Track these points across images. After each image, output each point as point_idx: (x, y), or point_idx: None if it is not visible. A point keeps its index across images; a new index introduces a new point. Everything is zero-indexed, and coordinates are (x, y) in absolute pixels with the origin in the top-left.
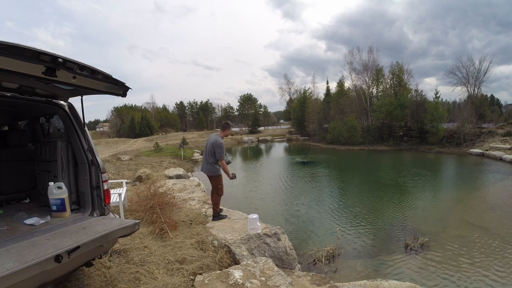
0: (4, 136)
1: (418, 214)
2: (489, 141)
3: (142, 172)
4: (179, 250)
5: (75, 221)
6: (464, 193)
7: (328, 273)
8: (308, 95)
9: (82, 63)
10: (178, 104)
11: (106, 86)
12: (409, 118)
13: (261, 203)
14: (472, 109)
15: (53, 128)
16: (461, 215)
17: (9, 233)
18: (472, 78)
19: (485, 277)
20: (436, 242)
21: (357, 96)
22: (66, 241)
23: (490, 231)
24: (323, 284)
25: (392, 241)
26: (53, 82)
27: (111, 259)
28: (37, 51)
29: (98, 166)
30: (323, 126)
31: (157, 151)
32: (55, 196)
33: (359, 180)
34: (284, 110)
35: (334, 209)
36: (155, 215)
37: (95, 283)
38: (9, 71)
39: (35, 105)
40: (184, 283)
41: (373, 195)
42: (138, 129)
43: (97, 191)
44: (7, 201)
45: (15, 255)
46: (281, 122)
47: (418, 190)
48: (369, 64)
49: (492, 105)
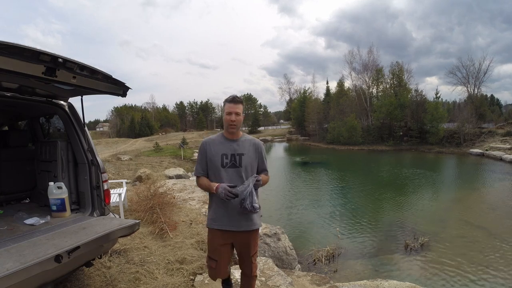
0: (4, 136)
1: (418, 214)
2: (489, 141)
3: (142, 172)
4: (179, 250)
5: (75, 221)
6: (464, 193)
7: (328, 273)
8: (308, 95)
9: (82, 63)
10: (178, 104)
11: (106, 86)
12: (409, 118)
13: (261, 203)
14: (472, 109)
15: (53, 128)
16: (461, 215)
17: (9, 233)
18: (472, 78)
19: (485, 277)
20: (436, 242)
21: (357, 96)
22: (66, 241)
23: (490, 231)
24: (323, 284)
25: (392, 241)
26: (53, 82)
27: (111, 259)
28: (37, 51)
29: (98, 166)
30: (323, 126)
31: (157, 151)
32: (55, 196)
33: (359, 180)
34: (284, 110)
35: (334, 209)
36: (155, 215)
37: (95, 283)
38: (9, 71)
39: (35, 105)
40: (184, 283)
41: (373, 195)
42: (138, 129)
43: (97, 191)
44: (7, 201)
45: (15, 255)
46: (281, 122)
47: (418, 190)
48: (369, 64)
49: (492, 105)
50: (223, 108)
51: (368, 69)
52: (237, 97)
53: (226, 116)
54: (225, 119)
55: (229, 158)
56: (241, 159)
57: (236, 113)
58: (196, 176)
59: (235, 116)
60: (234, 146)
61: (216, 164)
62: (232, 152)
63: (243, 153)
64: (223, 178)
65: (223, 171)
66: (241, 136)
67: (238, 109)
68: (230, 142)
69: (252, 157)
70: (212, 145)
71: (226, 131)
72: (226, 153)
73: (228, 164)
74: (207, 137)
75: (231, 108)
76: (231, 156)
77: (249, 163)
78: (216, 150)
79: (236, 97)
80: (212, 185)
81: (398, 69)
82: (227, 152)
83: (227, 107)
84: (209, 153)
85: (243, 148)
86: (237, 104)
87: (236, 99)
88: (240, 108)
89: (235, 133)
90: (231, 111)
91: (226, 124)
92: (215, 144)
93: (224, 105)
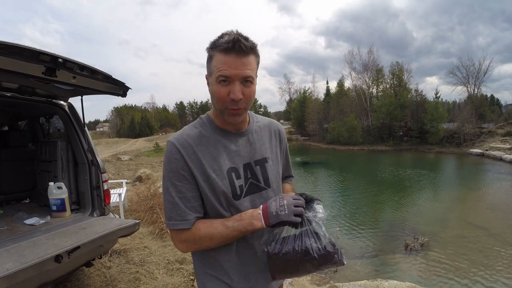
0: (4, 136)
1: (418, 214)
2: (489, 141)
3: (142, 172)
4: (179, 250)
5: (75, 221)
6: (464, 193)
7: (328, 273)
8: (308, 95)
9: (82, 63)
10: (178, 104)
11: (106, 86)
12: (409, 118)
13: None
14: (472, 109)
15: (53, 128)
16: (461, 215)
17: (9, 233)
18: (472, 78)
19: (485, 277)
20: (436, 242)
21: (357, 96)
22: (66, 241)
23: (490, 231)
24: (323, 284)
25: (392, 241)
26: (53, 82)
27: (111, 259)
28: (37, 51)
29: (98, 166)
30: (323, 126)
31: (157, 151)
32: (55, 196)
33: (359, 180)
34: (284, 110)
35: (334, 209)
36: (155, 215)
37: (95, 283)
38: (9, 71)
39: (35, 105)
40: (184, 283)
41: (373, 195)
42: (138, 129)
43: (97, 191)
44: (7, 201)
45: (15, 255)
46: (281, 122)
47: (418, 190)
48: (369, 64)
49: (492, 105)
50: (211, 65)
51: (368, 69)
52: (242, 39)
53: (220, 88)
54: (216, 92)
55: (242, 176)
56: (265, 170)
57: (243, 78)
58: (175, 230)
59: (241, 87)
60: (244, 145)
61: (224, 195)
62: (247, 161)
63: (266, 157)
64: (230, 214)
65: (238, 204)
66: (251, 121)
67: (247, 68)
68: (234, 137)
69: (277, 160)
70: (200, 152)
71: (219, 116)
72: (236, 166)
73: (245, 189)
74: (177, 135)
75: (232, 65)
76: (246, 168)
77: (277, 175)
78: (213, 162)
79: (240, 40)
80: (247, 217)
81: (398, 69)
82: (237, 163)
83: (221, 64)
84: (198, 172)
85: (263, 146)
86: (245, 56)
87: (241, 45)
88: (252, 66)
89: (240, 121)
90: (231, 74)
91: (220, 104)
92: (204, 148)
93: (213, 57)
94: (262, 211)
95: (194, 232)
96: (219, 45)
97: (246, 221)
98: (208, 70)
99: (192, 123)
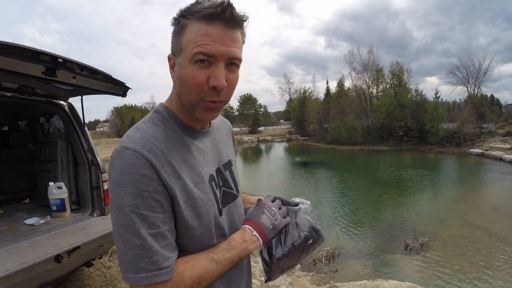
0: (4, 136)
1: (418, 214)
2: (489, 141)
3: None
4: None
5: (75, 221)
6: (464, 193)
7: (328, 273)
8: (308, 95)
9: (82, 63)
10: None
11: (106, 86)
12: (409, 118)
13: None
14: (472, 109)
15: (53, 128)
16: (461, 215)
17: (9, 233)
18: (472, 77)
19: (485, 277)
20: (436, 242)
21: (357, 96)
22: (66, 241)
23: (490, 231)
24: (323, 284)
25: (392, 241)
26: (53, 82)
27: (111, 259)
28: (37, 51)
29: (98, 166)
30: (323, 126)
31: None
32: (55, 196)
33: (359, 180)
34: (284, 110)
35: (334, 209)
36: None
37: (95, 283)
38: (9, 71)
39: (35, 105)
40: None
41: (373, 195)
42: None
43: (97, 191)
44: (7, 201)
45: (15, 255)
46: (281, 122)
47: (418, 190)
48: (369, 64)
49: (492, 105)
50: (181, 40)
51: (368, 69)
52: (228, 5)
53: (197, 71)
54: (190, 77)
55: (220, 185)
56: (233, 174)
57: (230, 59)
58: (150, 285)
59: (226, 71)
60: (211, 147)
61: (213, 217)
62: (216, 165)
63: (231, 159)
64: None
65: (222, 222)
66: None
67: (236, 47)
68: (201, 137)
69: (235, 161)
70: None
71: (186, 111)
72: (212, 172)
73: (220, 200)
74: (139, 137)
75: (216, 38)
76: (218, 175)
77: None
78: (192, 173)
79: (231, 4)
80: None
81: (398, 69)
82: (212, 169)
83: (201, 36)
84: (178, 191)
85: (224, 147)
86: (234, 29)
87: (233, 13)
88: (240, 45)
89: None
90: (215, 51)
91: (194, 94)
92: (176, 155)
93: (185, 28)
94: (256, 231)
95: (177, 281)
96: (198, 11)
97: (240, 249)
98: (174, 47)
99: (147, 119)
